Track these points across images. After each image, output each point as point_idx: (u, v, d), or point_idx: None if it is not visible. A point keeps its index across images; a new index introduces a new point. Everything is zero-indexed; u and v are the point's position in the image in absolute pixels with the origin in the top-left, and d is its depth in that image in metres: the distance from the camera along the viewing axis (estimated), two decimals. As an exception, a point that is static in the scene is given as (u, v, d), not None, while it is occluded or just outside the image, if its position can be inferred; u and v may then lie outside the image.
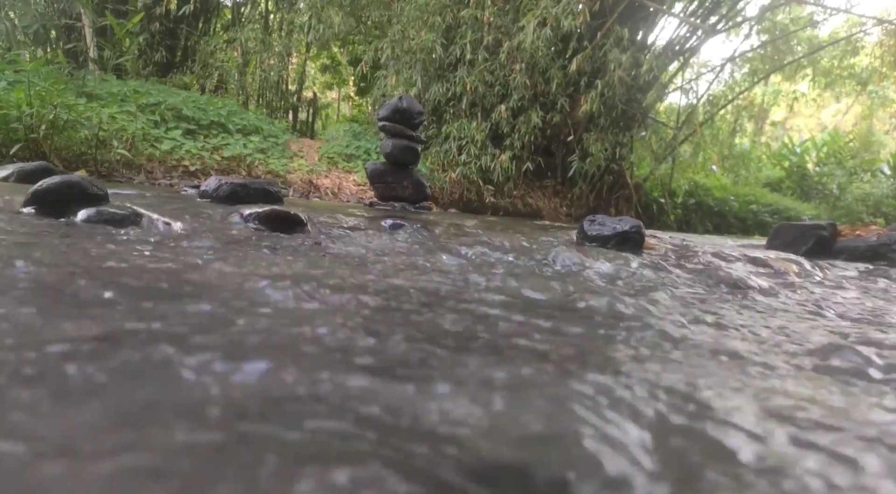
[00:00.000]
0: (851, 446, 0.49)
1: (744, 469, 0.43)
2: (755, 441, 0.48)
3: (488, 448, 0.42)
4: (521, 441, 0.44)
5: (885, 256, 2.75)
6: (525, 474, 0.40)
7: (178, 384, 0.49)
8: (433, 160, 7.20)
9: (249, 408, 0.45)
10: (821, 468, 0.44)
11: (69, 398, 0.45)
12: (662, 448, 0.45)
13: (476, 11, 6.92)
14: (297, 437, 0.41)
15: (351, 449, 0.40)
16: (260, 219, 1.75)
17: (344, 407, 0.47)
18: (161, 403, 0.45)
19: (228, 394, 0.48)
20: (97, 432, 0.40)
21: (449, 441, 0.43)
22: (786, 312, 1.24)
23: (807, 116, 21.63)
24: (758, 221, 10.34)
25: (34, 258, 0.97)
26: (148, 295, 0.81)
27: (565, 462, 0.41)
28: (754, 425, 0.52)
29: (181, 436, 0.40)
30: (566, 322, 0.92)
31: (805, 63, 11.95)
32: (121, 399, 0.45)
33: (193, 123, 6.37)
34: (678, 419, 0.52)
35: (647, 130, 8.97)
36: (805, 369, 0.76)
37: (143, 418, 0.42)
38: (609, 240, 2.20)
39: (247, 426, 0.42)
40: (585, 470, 0.40)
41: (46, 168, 2.69)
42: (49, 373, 0.49)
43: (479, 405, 0.51)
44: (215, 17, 10.21)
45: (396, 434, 0.43)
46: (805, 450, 0.47)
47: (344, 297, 0.92)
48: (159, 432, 0.40)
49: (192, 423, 0.42)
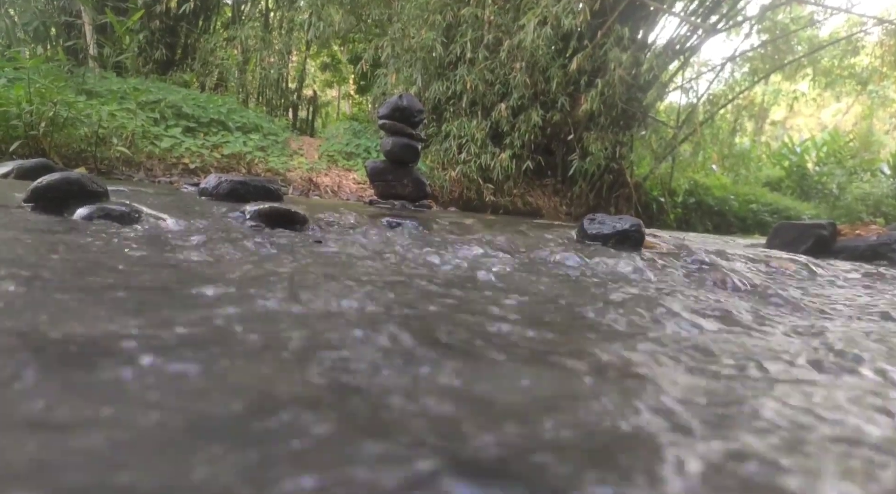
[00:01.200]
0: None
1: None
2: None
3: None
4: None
5: (884, 255, 2.75)
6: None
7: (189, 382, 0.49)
8: (433, 159, 7.20)
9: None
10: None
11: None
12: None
13: (476, 10, 6.91)
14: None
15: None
16: (260, 216, 1.75)
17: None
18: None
19: (226, 400, 0.48)
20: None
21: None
22: (785, 310, 1.24)
23: (807, 116, 21.61)
24: (758, 220, 10.33)
25: (33, 255, 0.97)
26: (147, 291, 0.81)
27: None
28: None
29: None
30: (564, 322, 0.92)
31: (805, 63, 11.94)
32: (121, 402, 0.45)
33: (193, 120, 6.36)
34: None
35: (647, 129, 8.96)
36: (818, 370, 0.77)
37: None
38: (609, 239, 2.20)
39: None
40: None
41: (46, 165, 2.69)
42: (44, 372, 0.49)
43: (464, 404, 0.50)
44: (215, 15, 10.19)
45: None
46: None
47: (343, 294, 0.92)
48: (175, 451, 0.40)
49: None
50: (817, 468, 0.44)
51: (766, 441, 0.48)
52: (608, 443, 0.45)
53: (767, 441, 0.48)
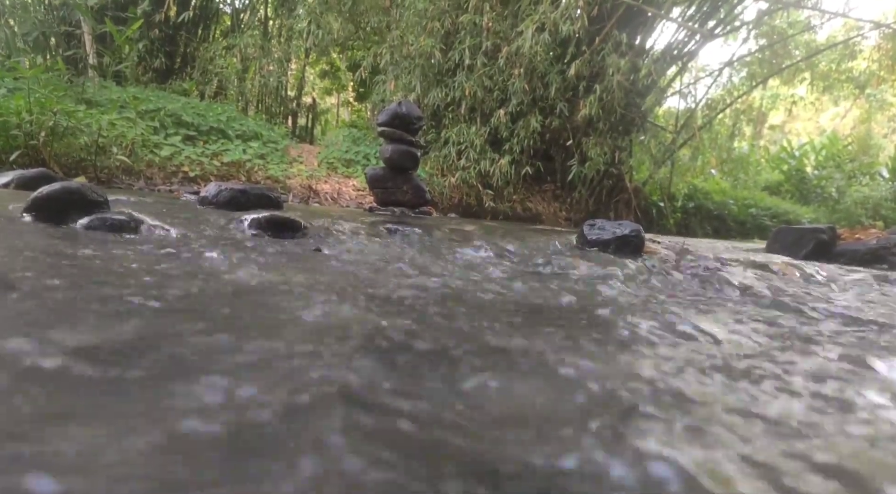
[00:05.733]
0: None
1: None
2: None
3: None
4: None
5: (885, 259, 2.76)
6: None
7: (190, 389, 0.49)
8: (432, 165, 7.20)
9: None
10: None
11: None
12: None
13: (475, 17, 6.93)
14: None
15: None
16: (260, 224, 1.75)
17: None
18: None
19: (220, 414, 0.48)
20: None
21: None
22: (788, 314, 1.24)
23: (805, 120, 21.65)
24: (757, 224, 10.32)
25: (32, 266, 0.97)
26: (149, 301, 0.80)
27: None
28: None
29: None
30: (568, 329, 0.91)
31: (803, 67, 11.96)
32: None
33: (193, 128, 6.37)
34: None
35: (646, 134, 8.96)
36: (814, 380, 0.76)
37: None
38: (609, 244, 2.20)
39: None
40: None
41: (46, 175, 2.68)
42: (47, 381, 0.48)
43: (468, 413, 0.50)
44: (215, 24, 10.22)
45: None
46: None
47: (345, 301, 0.92)
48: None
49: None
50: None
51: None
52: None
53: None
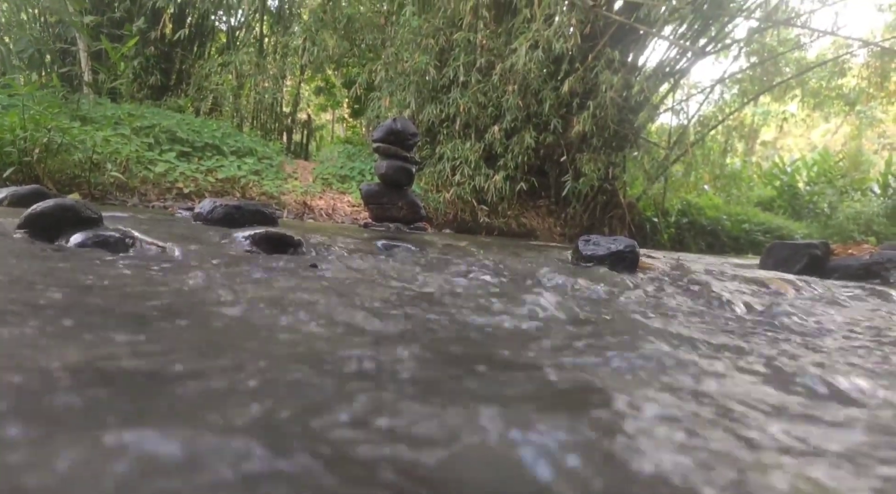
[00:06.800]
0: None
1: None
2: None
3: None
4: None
5: (877, 274, 2.77)
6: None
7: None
8: (427, 181, 7.23)
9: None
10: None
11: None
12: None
13: (469, 34, 7.00)
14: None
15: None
16: (255, 241, 1.74)
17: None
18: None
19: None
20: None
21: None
22: (781, 332, 1.24)
23: (797, 136, 21.87)
24: (750, 239, 10.37)
25: (25, 284, 0.96)
26: (140, 321, 0.80)
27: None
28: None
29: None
30: (565, 348, 0.91)
31: (794, 84, 12.11)
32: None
33: (188, 145, 6.37)
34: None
35: (639, 150, 9.02)
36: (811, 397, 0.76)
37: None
38: (604, 260, 2.20)
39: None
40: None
41: (40, 192, 2.67)
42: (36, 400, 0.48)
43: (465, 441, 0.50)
44: (210, 41, 10.28)
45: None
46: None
47: (339, 319, 0.91)
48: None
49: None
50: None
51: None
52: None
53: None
